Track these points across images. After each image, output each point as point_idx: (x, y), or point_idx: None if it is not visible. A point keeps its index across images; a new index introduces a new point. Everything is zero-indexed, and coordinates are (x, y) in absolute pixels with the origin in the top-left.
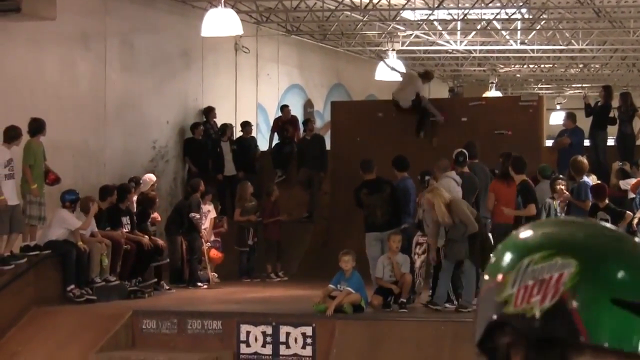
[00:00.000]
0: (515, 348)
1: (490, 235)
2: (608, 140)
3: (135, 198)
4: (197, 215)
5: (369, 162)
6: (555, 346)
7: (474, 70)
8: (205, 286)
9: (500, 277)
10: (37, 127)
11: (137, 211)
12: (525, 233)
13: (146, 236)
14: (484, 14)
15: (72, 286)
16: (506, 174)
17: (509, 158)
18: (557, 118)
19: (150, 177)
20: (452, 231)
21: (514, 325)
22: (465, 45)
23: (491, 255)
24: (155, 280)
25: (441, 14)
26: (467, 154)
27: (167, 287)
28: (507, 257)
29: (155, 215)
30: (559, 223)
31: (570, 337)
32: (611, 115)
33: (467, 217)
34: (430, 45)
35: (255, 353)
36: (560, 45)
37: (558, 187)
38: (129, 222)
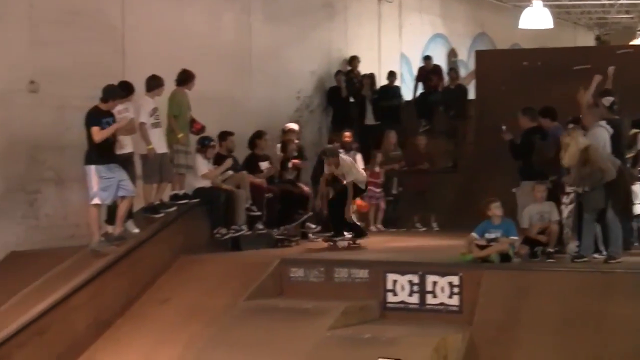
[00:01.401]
0: None
1: None
2: None
3: (279, 146)
4: None
5: (533, 109)
6: None
7: (621, 17)
8: (351, 235)
9: None
10: (184, 78)
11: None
12: None
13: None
14: None
15: (219, 228)
16: None
17: None
18: None
19: (289, 125)
20: (590, 179)
21: None
22: None
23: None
24: (304, 219)
25: None
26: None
27: (314, 235)
28: None
29: (297, 161)
30: None
31: None
32: None
33: (604, 163)
34: None
35: (402, 302)
36: None
37: None
38: (270, 168)
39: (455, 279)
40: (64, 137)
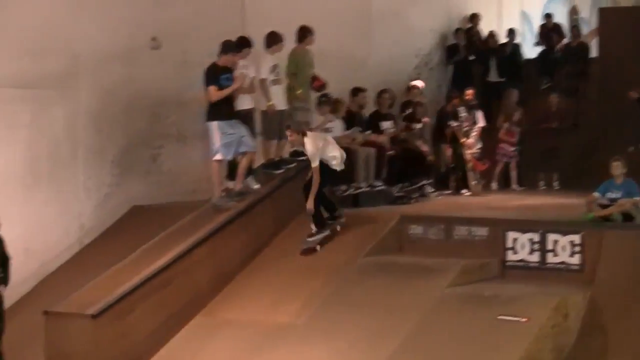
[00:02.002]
0: None
1: None
2: None
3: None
4: (455, 123)
5: None
6: None
7: None
8: (469, 194)
9: None
10: (302, 34)
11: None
12: None
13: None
14: None
15: (340, 185)
16: None
17: None
18: None
19: (414, 82)
20: None
21: None
22: None
23: None
24: (423, 183)
25: None
26: None
27: (432, 193)
28: None
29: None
30: None
31: None
32: None
33: None
34: None
35: (522, 260)
36: None
37: None
38: (393, 127)
39: (576, 238)
40: (186, 94)
